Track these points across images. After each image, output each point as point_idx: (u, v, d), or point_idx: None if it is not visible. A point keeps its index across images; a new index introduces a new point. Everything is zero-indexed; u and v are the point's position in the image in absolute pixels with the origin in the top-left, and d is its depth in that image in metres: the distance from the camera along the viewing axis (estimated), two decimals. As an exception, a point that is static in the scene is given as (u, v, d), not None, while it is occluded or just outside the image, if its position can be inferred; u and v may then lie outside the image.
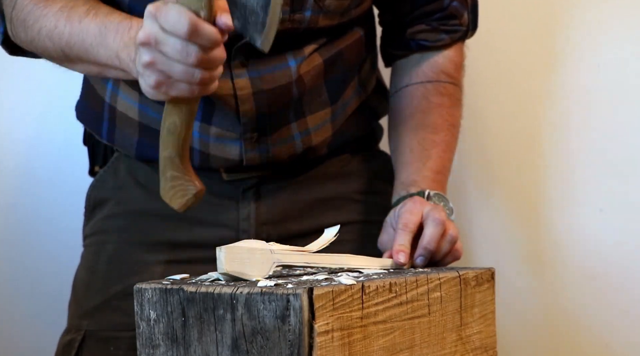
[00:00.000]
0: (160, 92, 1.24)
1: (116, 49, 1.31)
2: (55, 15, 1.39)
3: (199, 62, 1.19)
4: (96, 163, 1.63)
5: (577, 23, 1.85)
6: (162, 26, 1.19)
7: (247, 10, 1.19)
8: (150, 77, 1.22)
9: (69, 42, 1.37)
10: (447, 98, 1.58)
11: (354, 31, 1.55)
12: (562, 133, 1.86)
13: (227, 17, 1.19)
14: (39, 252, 1.95)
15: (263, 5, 1.17)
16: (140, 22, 1.28)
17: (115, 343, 1.47)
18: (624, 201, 1.83)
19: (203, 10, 1.18)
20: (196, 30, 1.17)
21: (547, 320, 1.87)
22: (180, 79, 1.21)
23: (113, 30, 1.31)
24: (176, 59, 1.19)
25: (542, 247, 1.88)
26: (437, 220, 1.37)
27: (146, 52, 1.21)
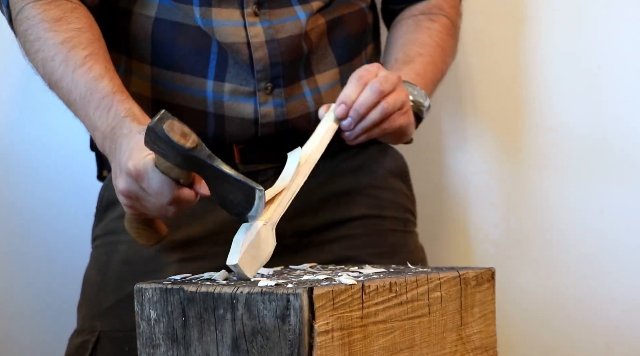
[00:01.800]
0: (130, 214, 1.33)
1: (94, 124, 1.36)
2: (55, 46, 1.40)
3: (174, 213, 1.27)
4: (104, 168, 1.64)
5: (577, 23, 1.85)
6: (143, 189, 1.25)
7: (227, 201, 1.21)
8: (126, 210, 1.32)
9: (58, 83, 1.41)
10: (438, 24, 1.62)
11: (355, 3, 1.58)
12: (562, 133, 1.86)
13: (205, 187, 1.23)
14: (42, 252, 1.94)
15: (246, 208, 1.20)
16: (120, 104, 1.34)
17: (130, 343, 1.46)
18: (625, 201, 1.83)
19: (183, 179, 1.23)
20: (177, 199, 1.23)
21: (547, 320, 1.87)
22: (154, 215, 1.31)
23: (95, 103, 1.36)
24: (154, 210, 1.28)
25: (542, 247, 1.88)
26: (375, 87, 1.36)
27: (125, 199, 1.29)
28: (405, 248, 1.59)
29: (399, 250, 1.57)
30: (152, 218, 1.37)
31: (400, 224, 1.62)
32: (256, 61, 1.47)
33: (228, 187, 1.19)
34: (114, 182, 1.32)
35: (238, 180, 1.17)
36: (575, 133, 1.85)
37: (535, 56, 1.87)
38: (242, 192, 1.18)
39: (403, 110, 1.41)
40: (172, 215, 1.29)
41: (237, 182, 1.18)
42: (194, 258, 1.50)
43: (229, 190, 1.19)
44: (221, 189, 1.20)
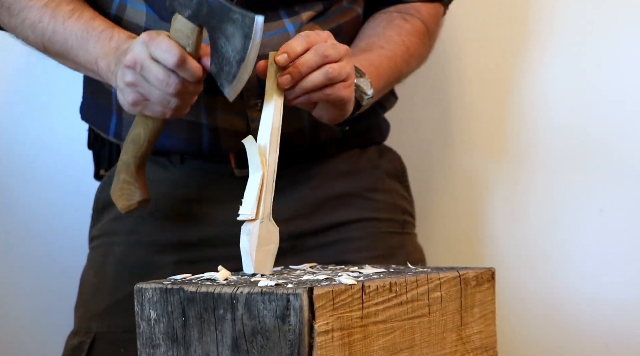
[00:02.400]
0: (135, 109, 1.34)
1: (96, 55, 1.40)
2: (40, 9, 1.45)
3: (176, 92, 1.29)
4: (101, 167, 1.64)
5: (577, 23, 1.85)
6: (151, 54, 1.28)
7: (224, 60, 1.27)
8: (129, 95, 1.32)
9: (51, 38, 1.45)
10: (409, 25, 1.57)
11: (352, 8, 1.56)
12: (562, 133, 1.86)
13: (208, 61, 1.28)
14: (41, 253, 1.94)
15: (238, 60, 1.25)
16: (121, 32, 1.40)
17: (126, 345, 1.47)
18: (624, 201, 1.83)
19: (190, 47, 1.29)
20: (183, 63, 1.27)
21: (547, 320, 1.87)
22: (156, 102, 1.31)
23: (94, 37, 1.41)
24: (156, 86, 1.29)
25: (542, 247, 1.88)
26: (320, 50, 1.29)
27: (130, 73, 1.30)
28: (403, 250, 1.59)
29: (396, 252, 1.57)
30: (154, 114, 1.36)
31: (398, 226, 1.62)
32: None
33: (231, 31, 1.24)
34: (119, 81, 1.33)
35: (243, 13, 1.24)
36: (575, 133, 1.85)
37: (534, 56, 1.87)
38: (243, 29, 1.23)
39: (347, 82, 1.33)
40: (174, 102, 1.30)
41: (242, 14, 1.24)
42: (190, 261, 1.50)
43: (231, 34, 1.24)
44: (223, 40, 1.25)
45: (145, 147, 1.42)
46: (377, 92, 1.47)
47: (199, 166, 1.53)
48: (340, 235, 1.55)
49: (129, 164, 1.44)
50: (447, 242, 1.92)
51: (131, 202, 1.45)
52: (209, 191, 1.53)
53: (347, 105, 1.36)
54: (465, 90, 1.90)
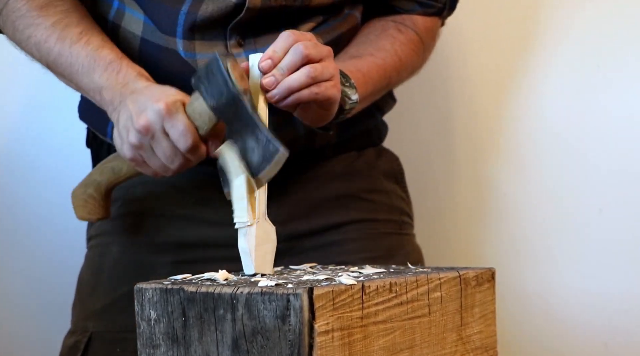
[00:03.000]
0: (129, 162, 1.34)
1: (101, 86, 1.38)
2: (47, 29, 1.43)
3: (177, 167, 1.30)
4: None
5: (577, 23, 1.85)
6: (165, 129, 1.27)
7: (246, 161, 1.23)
8: (129, 151, 1.32)
9: (56, 60, 1.43)
10: (404, 36, 1.56)
11: (352, 15, 1.55)
12: (562, 133, 1.86)
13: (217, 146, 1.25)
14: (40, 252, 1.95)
15: (251, 173, 1.21)
16: (129, 67, 1.37)
17: (122, 344, 1.48)
18: (623, 201, 1.83)
19: (203, 131, 1.26)
20: (193, 150, 1.27)
21: (547, 320, 1.87)
22: (153, 168, 1.32)
23: (101, 67, 1.38)
24: (160, 158, 1.29)
25: (542, 247, 1.88)
26: (299, 49, 1.27)
27: (138, 137, 1.29)
28: (401, 251, 1.59)
29: (394, 253, 1.57)
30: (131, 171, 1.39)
31: (396, 227, 1.61)
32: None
33: (251, 145, 1.20)
34: (123, 127, 1.31)
35: (268, 138, 1.19)
36: (575, 133, 1.85)
37: (534, 57, 1.87)
38: (264, 152, 1.20)
39: (333, 81, 1.31)
40: (171, 172, 1.31)
41: (267, 139, 1.19)
42: (187, 261, 1.50)
43: (250, 148, 1.20)
44: (241, 146, 1.21)
45: (122, 180, 1.44)
46: (364, 99, 1.46)
47: (196, 169, 1.53)
48: (338, 236, 1.55)
49: (100, 186, 1.45)
50: (447, 242, 1.92)
51: (91, 217, 1.48)
52: (206, 192, 1.53)
53: (333, 105, 1.35)
54: (464, 90, 1.91)
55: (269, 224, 1.23)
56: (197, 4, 1.41)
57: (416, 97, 1.91)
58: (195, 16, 1.41)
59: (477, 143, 1.91)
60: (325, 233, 1.54)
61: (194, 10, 1.41)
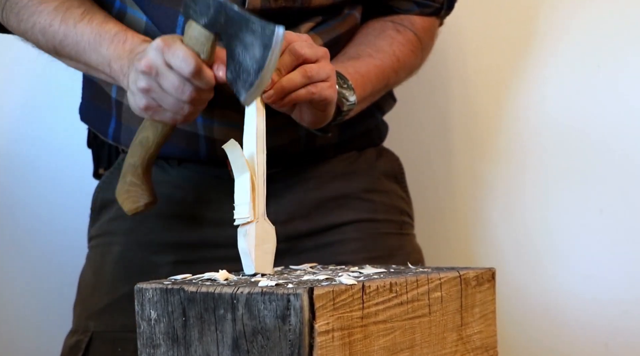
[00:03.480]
0: (146, 113, 1.33)
1: (109, 58, 1.39)
2: (50, 13, 1.45)
3: (190, 100, 1.28)
4: (101, 166, 1.64)
5: (577, 23, 1.85)
6: (167, 61, 1.27)
7: (241, 68, 1.25)
8: (141, 99, 1.31)
9: (63, 42, 1.44)
10: (402, 37, 1.57)
11: (352, 15, 1.55)
12: (562, 133, 1.86)
13: (223, 69, 1.27)
14: (42, 253, 1.95)
15: (256, 70, 1.23)
16: (135, 36, 1.39)
17: (123, 344, 1.48)
18: (624, 202, 1.83)
19: (204, 54, 1.28)
20: (199, 72, 1.26)
21: (547, 320, 1.87)
22: (168, 109, 1.30)
23: (108, 40, 1.40)
24: (171, 93, 1.28)
25: (542, 247, 1.88)
26: (293, 49, 1.29)
27: (144, 79, 1.29)
28: (401, 251, 1.59)
29: (394, 253, 1.57)
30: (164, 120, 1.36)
31: (396, 227, 1.61)
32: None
33: (249, 40, 1.23)
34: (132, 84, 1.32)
35: (263, 23, 1.22)
36: (575, 134, 1.85)
37: (535, 57, 1.87)
38: (262, 38, 1.22)
39: (329, 82, 1.32)
40: (187, 108, 1.30)
41: (262, 24, 1.22)
42: (188, 261, 1.50)
43: (249, 44, 1.23)
44: (241, 48, 1.24)
45: (153, 149, 1.41)
46: (362, 100, 1.46)
47: (196, 169, 1.53)
48: (338, 236, 1.55)
49: (136, 167, 1.43)
50: (447, 243, 1.92)
51: (138, 205, 1.44)
52: (207, 192, 1.53)
53: (330, 106, 1.35)
54: (464, 91, 1.91)
55: (268, 224, 1.24)
56: None
57: (416, 97, 1.91)
58: None
59: (478, 143, 1.91)
60: (326, 233, 1.54)
61: None
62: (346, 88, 1.41)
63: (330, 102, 1.33)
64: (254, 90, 1.24)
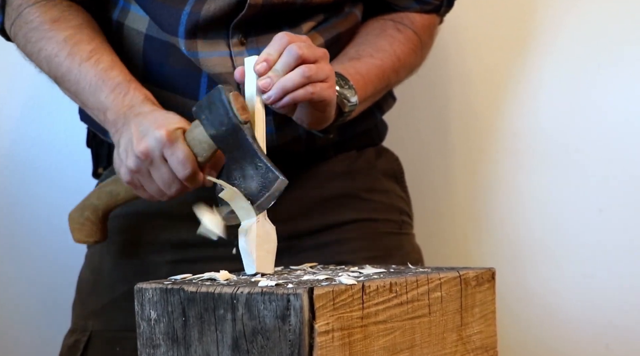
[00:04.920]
0: (127, 184, 1.35)
1: (106, 106, 1.38)
2: (59, 44, 1.43)
3: (174, 193, 1.31)
4: (100, 165, 1.64)
5: (576, 23, 1.85)
6: (164, 156, 1.28)
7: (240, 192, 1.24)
8: (126, 176, 1.33)
9: (64, 76, 1.43)
10: (402, 35, 1.57)
11: (353, 13, 1.55)
12: (561, 133, 1.86)
13: (213, 175, 1.29)
14: (41, 252, 1.95)
15: (250, 202, 1.22)
16: (137, 90, 1.38)
17: (121, 343, 1.48)
18: (624, 201, 1.83)
19: (202, 158, 1.28)
20: (192, 178, 1.28)
21: (547, 320, 1.87)
22: (150, 193, 1.33)
23: (109, 88, 1.39)
24: (158, 184, 1.30)
25: (542, 247, 1.88)
26: (293, 50, 1.26)
27: (136, 162, 1.30)
28: (400, 251, 1.59)
29: (394, 253, 1.57)
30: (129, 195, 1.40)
31: (395, 226, 1.62)
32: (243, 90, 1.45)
33: (250, 173, 1.22)
34: (123, 150, 1.32)
35: (268, 166, 1.21)
36: (575, 133, 1.85)
37: (534, 56, 1.87)
38: (263, 180, 1.21)
39: (329, 83, 1.31)
40: (166, 198, 1.32)
41: (267, 167, 1.21)
42: (187, 260, 1.50)
43: (249, 176, 1.22)
44: (239, 175, 1.23)
45: (120, 203, 1.45)
46: (363, 101, 1.46)
47: None
48: (337, 235, 1.55)
49: (98, 210, 1.46)
50: (446, 242, 1.92)
51: (88, 239, 1.49)
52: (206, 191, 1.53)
53: (329, 106, 1.34)
54: (464, 90, 1.91)
55: (269, 224, 1.24)
56: (200, 4, 1.41)
57: (416, 97, 1.91)
58: (198, 16, 1.41)
59: (477, 143, 1.91)
60: (325, 233, 1.54)
61: (196, 9, 1.41)
62: (347, 88, 1.40)
63: (330, 102, 1.32)
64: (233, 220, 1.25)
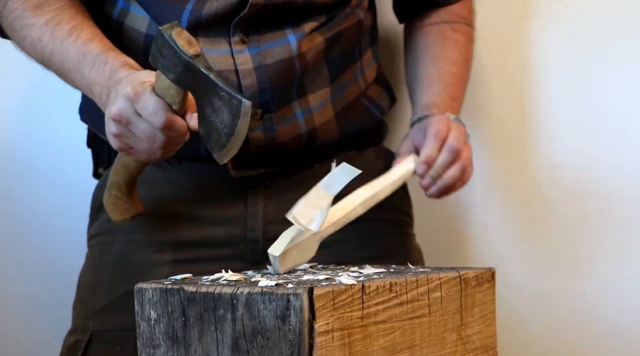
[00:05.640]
0: (120, 151, 1.35)
1: (90, 81, 1.38)
2: (40, 28, 1.44)
3: (162, 146, 1.29)
4: (100, 165, 1.64)
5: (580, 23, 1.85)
6: (137, 111, 1.27)
7: (212, 127, 1.26)
8: (114, 142, 1.32)
9: (50, 59, 1.43)
10: (461, 35, 1.67)
11: (354, 13, 1.55)
12: (562, 133, 1.85)
13: (195, 119, 1.28)
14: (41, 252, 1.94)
15: (227, 133, 1.24)
16: (115, 58, 1.37)
17: (122, 343, 1.48)
18: (625, 203, 1.83)
19: (176, 105, 1.27)
20: (170, 125, 1.27)
21: (547, 320, 1.87)
22: (142, 152, 1.32)
23: (89, 62, 1.38)
24: (142, 139, 1.29)
25: (542, 247, 1.88)
26: (452, 148, 1.47)
27: (115, 126, 1.30)
28: (401, 251, 1.59)
29: (394, 253, 1.57)
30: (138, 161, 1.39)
31: (396, 226, 1.62)
32: (245, 88, 1.44)
33: (217, 104, 1.23)
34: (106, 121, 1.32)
35: (229, 93, 1.22)
36: (575, 134, 1.85)
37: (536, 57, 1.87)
38: (230, 107, 1.22)
39: (472, 165, 1.53)
40: (160, 152, 1.31)
41: (229, 94, 1.22)
42: (187, 260, 1.50)
43: (218, 108, 1.23)
44: (210, 110, 1.24)
45: (136, 172, 1.44)
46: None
47: (196, 167, 1.53)
48: (338, 235, 1.54)
49: (120, 184, 1.45)
50: (446, 242, 1.92)
51: (125, 216, 1.48)
52: (207, 191, 1.53)
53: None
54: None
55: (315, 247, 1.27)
56: (202, 2, 1.41)
57: (416, 97, 1.90)
58: (199, 14, 1.41)
59: (477, 143, 1.91)
60: None
61: (198, 7, 1.41)
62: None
63: (467, 180, 1.55)
64: (225, 152, 1.26)
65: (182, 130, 1.28)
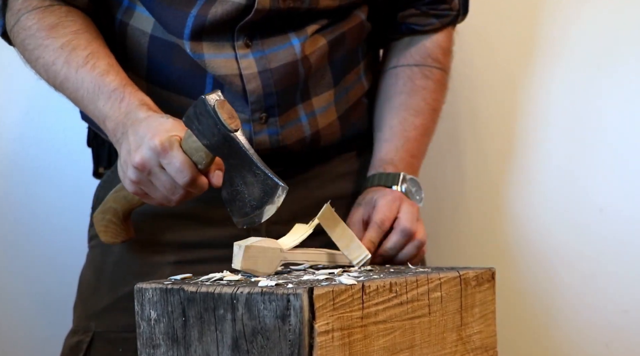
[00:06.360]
0: (133, 194, 1.35)
1: (105, 115, 1.37)
2: (55, 51, 1.42)
3: (180, 198, 1.30)
4: (101, 165, 1.64)
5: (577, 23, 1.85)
6: (162, 165, 1.27)
7: (238, 196, 1.25)
8: (129, 187, 1.33)
9: (63, 84, 1.42)
10: (432, 82, 1.61)
11: (356, 15, 1.55)
12: (561, 133, 1.86)
13: (219, 177, 1.28)
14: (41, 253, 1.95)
15: (254, 206, 1.24)
16: (132, 95, 1.36)
17: (124, 344, 1.48)
18: (624, 201, 1.83)
19: (201, 165, 1.26)
20: (192, 184, 1.27)
21: (547, 320, 1.87)
22: (156, 199, 1.32)
23: (105, 95, 1.37)
24: (161, 191, 1.30)
25: (542, 247, 1.88)
26: (405, 231, 1.43)
27: (135, 173, 1.30)
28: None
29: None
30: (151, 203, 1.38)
31: None
32: (249, 93, 1.44)
33: (250, 180, 1.22)
34: (123, 162, 1.32)
35: (266, 174, 1.21)
36: (575, 133, 1.85)
37: (539, 57, 1.87)
38: (263, 186, 1.21)
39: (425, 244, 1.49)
40: (174, 203, 1.31)
41: (265, 175, 1.21)
42: (189, 261, 1.50)
43: (250, 182, 1.22)
44: (240, 181, 1.23)
45: (136, 206, 1.44)
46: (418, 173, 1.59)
47: None
48: None
49: (117, 211, 1.45)
50: (447, 242, 1.92)
51: (116, 240, 1.48)
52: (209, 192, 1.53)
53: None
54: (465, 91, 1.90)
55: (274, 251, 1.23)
56: (207, 7, 1.41)
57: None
58: (204, 19, 1.41)
59: (477, 143, 1.91)
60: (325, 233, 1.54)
61: (203, 13, 1.41)
62: (417, 190, 1.53)
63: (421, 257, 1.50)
64: (247, 220, 1.26)
65: (204, 188, 1.29)
